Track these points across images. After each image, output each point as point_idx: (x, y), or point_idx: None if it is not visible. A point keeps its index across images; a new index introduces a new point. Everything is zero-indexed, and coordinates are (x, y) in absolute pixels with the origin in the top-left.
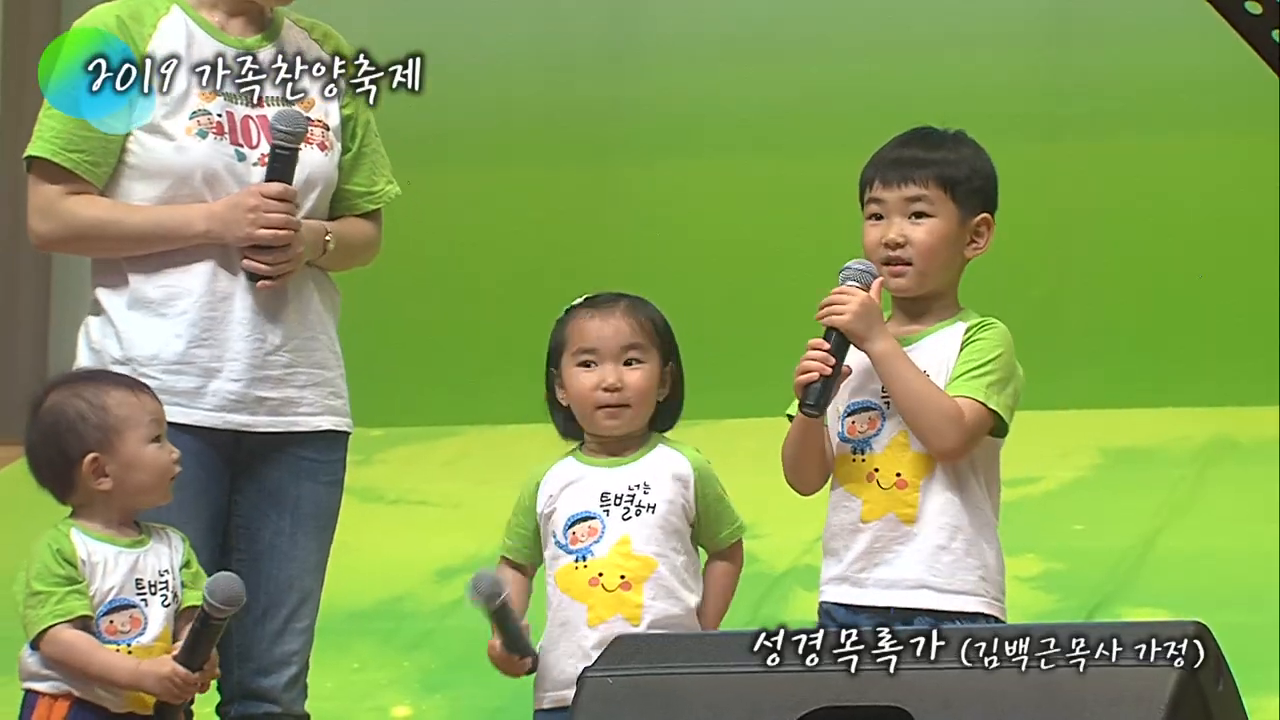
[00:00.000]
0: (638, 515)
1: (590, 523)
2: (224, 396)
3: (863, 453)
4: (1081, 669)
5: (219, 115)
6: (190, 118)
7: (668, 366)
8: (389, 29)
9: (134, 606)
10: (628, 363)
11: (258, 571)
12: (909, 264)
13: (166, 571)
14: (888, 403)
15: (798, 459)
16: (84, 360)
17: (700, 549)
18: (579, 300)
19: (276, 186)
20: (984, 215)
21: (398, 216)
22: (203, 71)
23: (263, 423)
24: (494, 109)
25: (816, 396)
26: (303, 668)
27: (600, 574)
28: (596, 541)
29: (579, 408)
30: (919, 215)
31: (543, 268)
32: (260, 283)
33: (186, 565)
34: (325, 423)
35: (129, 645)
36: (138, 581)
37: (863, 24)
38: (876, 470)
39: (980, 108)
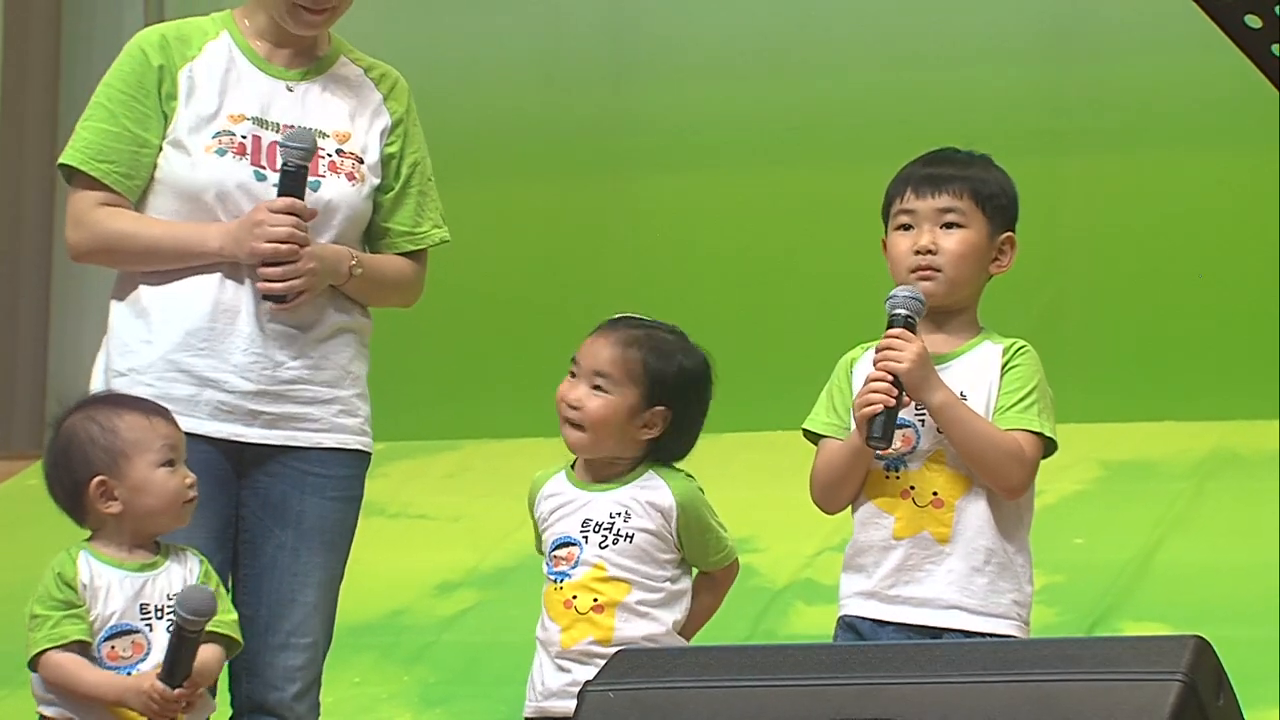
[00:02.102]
0: (614, 544)
1: (570, 548)
2: (216, 405)
3: (897, 470)
4: (1081, 683)
5: (243, 137)
6: (213, 136)
7: (656, 408)
8: (390, 44)
9: (137, 632)
10: (596, 387)
11: (260, 586)
12: (939, 270)
13: (176, 596)
14: (922, 420)
15: (841, 482)
16: (99, 372)
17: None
18: (619, 315)
19: (283, 201)
20: (1008, 234)
21: None
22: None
23: (256, 434)
24: (497, 123)
25: (882, 428)
26: (309, 683)
27: (574, 597)
28: (573, 566)
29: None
30: (950, 226)
31: (545, 282)
32: (274, 305)
33: None
34: (329, 440)
35: (130, 672)
36: (142, 607)
37: (866, 40)
38: (912, 488)
39: (981, 123)
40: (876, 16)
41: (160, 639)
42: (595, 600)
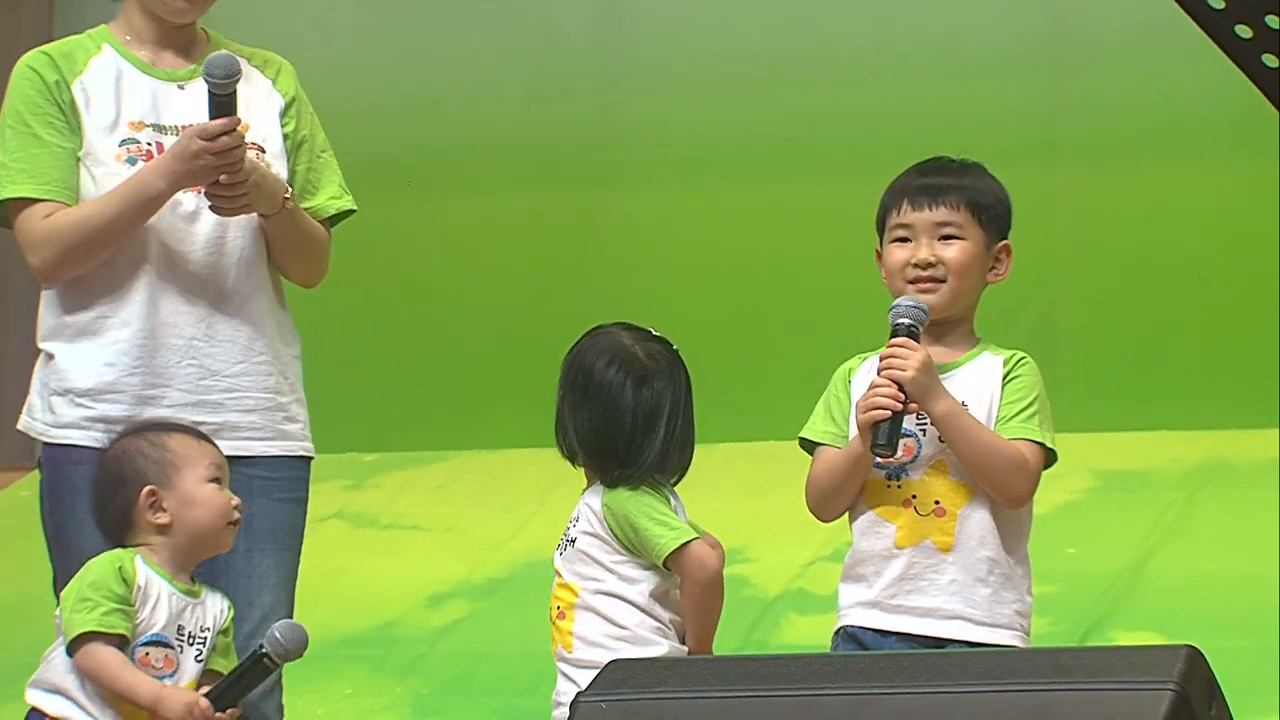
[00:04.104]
0: (565, 550)
1: None
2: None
3: (898, 479)
4: (1074, 692)
5: (148, 144)
6: (120, 145)
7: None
8: (376, 56)
9: (171, 648)
10: None
11: None
12: (941, 281)
13: (208, 630)
14: (924, 429)
15: (838, 491)
16: (34, 397)
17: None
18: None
19: (216, 124)
20: (1004, 243)
21: (389, 243)
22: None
23: None
24: (487, 136)
25: (888, 435)
26: (274, 684)
27: (550, 608)
28: (555, 577)
29: None
30: (948, 238)
31: (535, 294)
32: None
33: (224, 632)
34: (275, 448)
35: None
36: (180, 628)
37: (856, 53)
38: (914, 497)
39: (974, 134)
40: (867, 29)
41: (188, 663)
42: (557, 608)
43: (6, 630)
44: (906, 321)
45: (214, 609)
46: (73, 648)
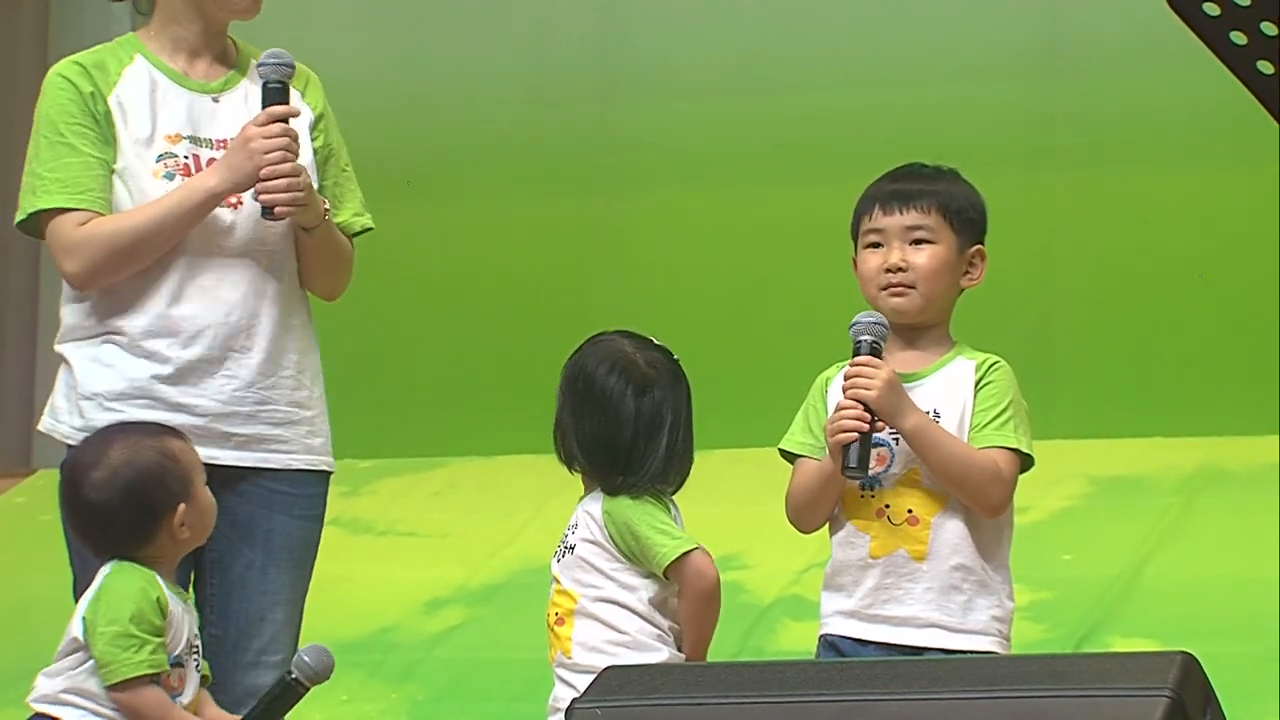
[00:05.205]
0: (563, 557)
1: None
2: (189, 430)
3: (872, 489)
4: (1069, 699)
5: (185, 158)
6: (157, 160)
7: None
8: (376, 60)
9: (184, 666)
10: None
11: (228, 605)
12: (912, 287)
13: (197, 636)
14: (897, 439)
15: (814, 504)
16: (60, 399)
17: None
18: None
19: (268, 112)
20: (978, 247)
21: (386, 248)
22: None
23: (229, 457)
24: (485, 139)
25: (858, 457)
26: None
27: (548, 615)
28: (551, 583)
29: None
30: (919, 242)
31: (533, 296)
32: (278, 209)
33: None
34: (299, 462)
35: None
36: (188, 641)
37: (853, 57)
38: (887, 506)
39: (970, 138)
40: (864, 33)
41: (191, 675)
42: (556, 614)
43: (3, 636)
44: (868, 338)
45: (189, 609)
46: (119, 687)
